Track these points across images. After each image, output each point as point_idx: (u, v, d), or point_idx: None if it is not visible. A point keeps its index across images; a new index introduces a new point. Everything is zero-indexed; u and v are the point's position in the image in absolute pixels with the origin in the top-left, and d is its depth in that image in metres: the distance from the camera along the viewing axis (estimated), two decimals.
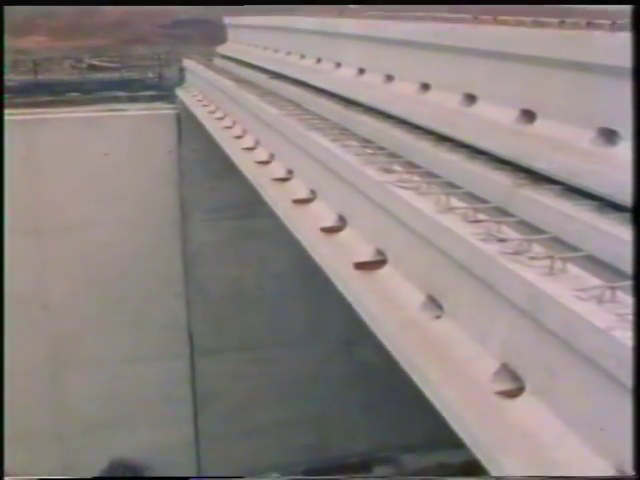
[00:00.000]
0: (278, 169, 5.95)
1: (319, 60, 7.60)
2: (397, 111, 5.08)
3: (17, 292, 9.88)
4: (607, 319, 2.15)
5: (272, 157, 6.28)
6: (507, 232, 2.95)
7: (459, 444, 2.58)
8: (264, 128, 6.69)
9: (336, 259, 4.11)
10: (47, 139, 11.09)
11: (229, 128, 8.10)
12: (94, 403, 11.61)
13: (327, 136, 5.11)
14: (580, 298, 2.31)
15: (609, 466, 2.07)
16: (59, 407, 11.68)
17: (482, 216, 3.14)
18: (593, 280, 2.47)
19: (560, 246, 2.75)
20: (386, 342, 3.29)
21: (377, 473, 12.15)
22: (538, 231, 2.93)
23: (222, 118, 8.68)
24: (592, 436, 2.17)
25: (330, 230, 4.45)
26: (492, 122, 3.89)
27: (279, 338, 11.96)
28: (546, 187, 3.18)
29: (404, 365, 3.08)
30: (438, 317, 3.16)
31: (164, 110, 12.09)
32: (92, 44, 21.91)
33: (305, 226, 4.76)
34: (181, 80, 13.19)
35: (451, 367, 2.84)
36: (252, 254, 11.79)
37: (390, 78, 5.60)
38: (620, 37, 2.83)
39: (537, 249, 2.75)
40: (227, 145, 7.79)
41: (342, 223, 4.46)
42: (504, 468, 2.30)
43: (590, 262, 2.59)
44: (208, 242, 11.72)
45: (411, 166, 4.12)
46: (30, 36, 22.61)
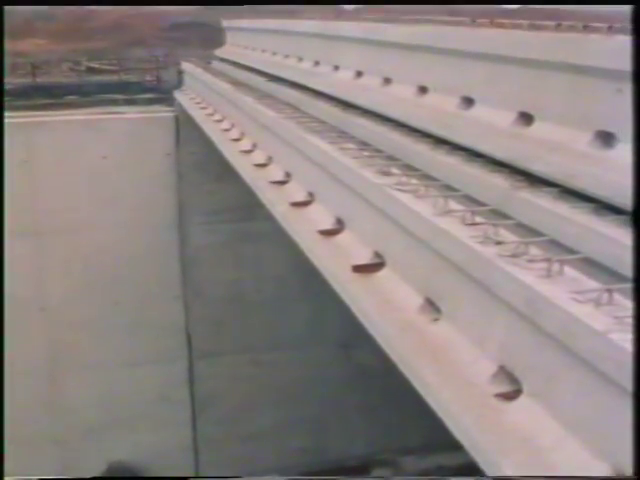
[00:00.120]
0: (276, 172, 5.94)
1: (317, 63, 7.61)
2: (395, 114, 5.09)
3: (16, 294, 9.85)
4: (604, 322, 2.15)
5: (270, 160, 6.28)
6: (505, 235, 2.95)
7: (457, 446, 2.57)
8: (262, 131, 6.69)
9: (334, 262, 4.10)
10: (46, 142, 11.06)
11: (227, 131, 8.10)
12: (92, 406, 11.59)
13: (325, 139, 5.11)
14: (577, 301, 2.31)
15: (608, 468, 2.07)
16: (57, 410, 11.65)
17: (480, 219, 3.15)
18: (590, 283, 2.47)
19: (557, 248, 2.76)
20: (384, 345, 3.28)
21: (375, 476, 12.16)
22: (536, 233, 2.93)
23: (220, 121, 8.68)
24: (590, 439, 2.17)
25: (328, 233, 4.44)
26: (490, 125, 3.90)
27: (277, 341, 11.95)
28: (543, 190, 3.19)
29: (402, 368, 3.08)
30: (436, 320, 3.16)
31: (162, 113, 12.07)
32: (90, 47, 21.93)
33: (303, 229, 4.75)
34: (179, 83, 13.20)
35: (449, 369, 2.84)
36: (250, 257, 11.78)
37: (388, 81, 5.61)
38: (617, 40, 2.84)
39: (535, 251, 2.75)
40: (225, 148, 7.79)
41: (340, 226, 4.45)
42: (502, 470, 2.30)
43: (587, 265, 2.60)
44: (206, 245, 11.70)
45: (409, 169, 4.12)
46: (29, 39, 22.62)
